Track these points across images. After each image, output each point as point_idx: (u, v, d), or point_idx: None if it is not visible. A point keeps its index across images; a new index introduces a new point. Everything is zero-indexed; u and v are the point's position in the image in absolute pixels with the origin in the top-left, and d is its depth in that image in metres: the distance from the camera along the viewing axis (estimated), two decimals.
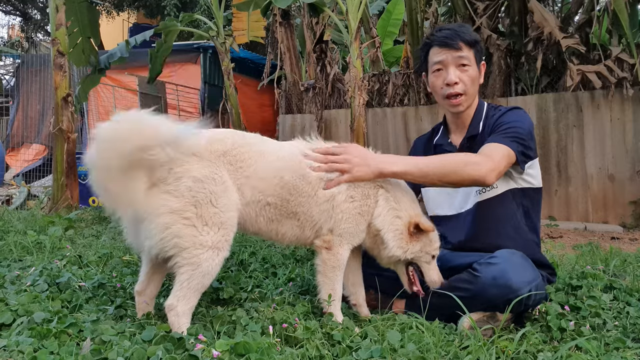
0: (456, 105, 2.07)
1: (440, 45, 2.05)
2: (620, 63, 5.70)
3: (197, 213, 1.61)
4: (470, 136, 2.12)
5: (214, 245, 1.62)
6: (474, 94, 2.11)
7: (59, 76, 5.38)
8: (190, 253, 1.60)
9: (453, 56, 2.02)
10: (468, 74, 2.04)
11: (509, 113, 2.07)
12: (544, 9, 6.19)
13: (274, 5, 6.41)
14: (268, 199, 1.76)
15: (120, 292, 2.15)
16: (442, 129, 2.27)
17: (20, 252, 2.93)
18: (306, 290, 2.28)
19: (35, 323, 1.62)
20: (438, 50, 2.05)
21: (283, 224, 1.82)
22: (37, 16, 17.57)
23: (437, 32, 2.11)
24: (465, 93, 2.05)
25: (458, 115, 2.13)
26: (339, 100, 7.83)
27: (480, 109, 2.15)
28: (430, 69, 2.11)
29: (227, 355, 1.37)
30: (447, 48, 2.03)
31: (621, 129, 5.81)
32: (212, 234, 1.62)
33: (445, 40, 2.04)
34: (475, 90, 2.10)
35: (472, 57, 2.06)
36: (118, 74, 9.00)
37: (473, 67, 2.06)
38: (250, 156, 1.74)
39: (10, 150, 10.56)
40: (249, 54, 9.96)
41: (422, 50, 2.17)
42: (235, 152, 1.73)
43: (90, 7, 6.12)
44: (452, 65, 2.03)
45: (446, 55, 2.03)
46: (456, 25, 2.13)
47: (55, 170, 5.39)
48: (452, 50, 2.02)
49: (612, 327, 1.84)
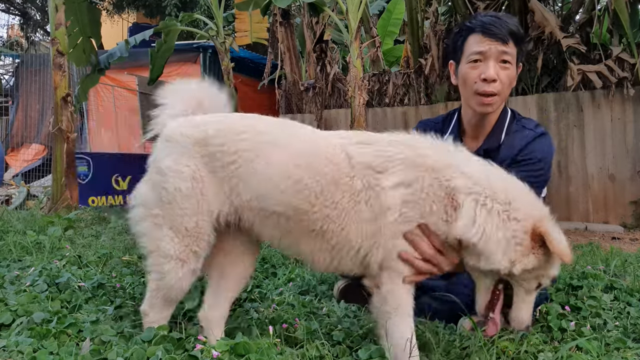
0: (486, 105, 1.82)
1: (485, 33, 1.76)
2: (621, 63, 5.70)
3: (162, 212, 1.38)
4: (487, 148, 1.87)
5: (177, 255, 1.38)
6: (506, 98, 1.89)
7: (59, 76, 5.38)
8: (155, 260, 1.41)
9: (497, 49, 1.76)
10: (507, 73, 1.79)
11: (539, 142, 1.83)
12: (544, 8, 6.18)
13: (274, 5, 6.40)
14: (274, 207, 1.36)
15: (119, 292, 2.14)
16: (456, 128, 1.99)
17: (20, 252, 2.92)
18: (306, 291, 2.28)
19: (35, 323, 1.62)
20: (481, 38, 1.77)
21: (302, 242, 1.40)
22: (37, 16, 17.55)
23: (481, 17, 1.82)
24: (500, 94, 1.81)
25: (481, 117, 1.89)
26: (339, 100, 7.82)
27: (504, 117, 1.93)
28: (466, 58, 1.83)
29: (226, 355, 1.36)
30: (492, 38, 1.75)
31: (622, 129, 5.80)
32: (176, 241, 1.37)
33: (491, 29, 1.75)
34: (508, 94, 1.88)
35: (515, 55, 1.80)
36: (118, 73, 8.99)
37: (513, 66, 1.82)
38: (249, 148, 1.38)
39: (11, 151, 10.55)
40: (248, 53, 9.94)
41: (460, 35, 1.87)
42: (220, 142, 1.39)
43: (90, 7, 6.12)
44: (494, 59, 1.76)
45: (489, 47, 1.76)
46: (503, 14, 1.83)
47: (54, 170, 5.38)
48: (497, 42, 1.75)
49: (612, 328, 1.84)
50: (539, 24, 6.07)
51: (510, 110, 1.97)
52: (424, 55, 7.05)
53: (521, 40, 1.81)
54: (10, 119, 10.85)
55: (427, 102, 7.04)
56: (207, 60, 9.64)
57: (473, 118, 1.91)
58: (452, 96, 6.77)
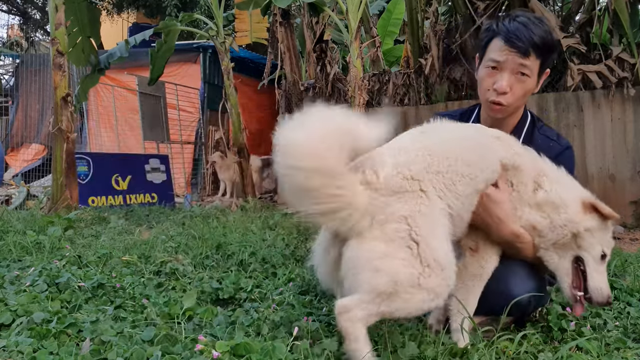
0: (495, 112, 1.83)
1: (507, 41, 1.72)
2: (621, 63, 5.70)
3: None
4: None
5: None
6: (521, 106, 1.89)
7: (59, 76, 5.37)
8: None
9: (515, 61, 1.72)
10: (523, 86, 1.77)
11: (564, 156, 1.85)
12: (544, 8, 6.18)
13: (274, 5, 6.40)
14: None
15: (119, 292, 2.14)
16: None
17: (20, 252, 2.92)
18: (306, 291, 2.28)
19: (35, 323, 1.62)
20: (501, 46, 1.74)
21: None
22: (37, 16, 17.56)
23: (507, 21, 1.77)
24: (509, 105, 1.80)
25: (495, 120, 1.89)
26: (339, 100, 7.81)
27: (524, 121, 1.92)
28: (485, 62, 1.82)
29: (227, 355, 1.36)
30: (512, 49, 1.72)
31: (622, 129, 5.80)
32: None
33: (513, 40, 1.71)
34: (524, 102, 1.88)
35: (537, 68, 1.76)
36: (117, 73, 8.99)
37: (533, 78, 1.78)
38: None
39: (11, 151, 10.55)
40: (248, 53, 9.95)
41: (485, 36, 1.86)
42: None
43: (90, 7, 6.12)
44: (509, 72, 1.75)
45: (507, 57, 1.73)
46: (532, 20, 1.74)
47: (54, 170, 5.38)
48: (517, 54, 1.72)
49: (612, 328, 1.84)
50: None
51: (531, 115, 1.97)
52: (424, 55, 7.04)
53: (547, 51, 1.77)
54: (10, 119, 10.85)
55: (427, 102, 7.03)
56: (207, 60, 9.65)
57: (488, 119, 1.92)
58: (452, 96, 6.78)
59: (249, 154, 7.29)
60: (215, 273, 2.53)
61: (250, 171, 7.30)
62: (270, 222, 4.46)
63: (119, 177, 6.69)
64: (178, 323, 1.69)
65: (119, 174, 6.69)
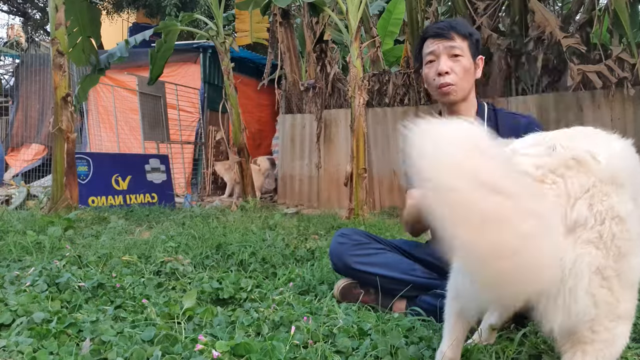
0: (447, 94, 1.98)
1: (433, 36, 2.00)
2: (621, 63, 5.69)
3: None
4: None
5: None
6: (468, 88, 2.02)
7: (59, 76, 5.37)
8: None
9: (445, 46, 1.97)
10: (460, 64, 1.98)
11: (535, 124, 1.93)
12: (544, 8, 6.18)
13: (274, 5, 6.40)
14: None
15: (119, 292, 2.14)
16: None
17: (20, 252, 2.92)
18: (306, 291, 2.28)
19: (35, 323, 1.62)
20: (431, 41, 2.01)
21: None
22: (37, 16, 17.55)
23: (431, 25, 2.09)
24: (456, 84, 1.97)
25: (452, 109, 2.04)
26: (339, 100, 7.82)
27: (482, 109, 2.07)
28: (424, 61, 2.07)
29: (227, 355, 1.36)
30: (439, 38, 1.98)
31: (622, 129, 5.77)
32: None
33: (437, 31, 2.00)
34: (469, 84, 2.02)
35: (466, 48, 1.99)
36: (117, 73, 8.99)
37: (466, 57, 1.99)
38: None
39: (11, 151, 10.55)
40: (249, 53, 9.94)
41: (418, 45, 2.14)
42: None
43: (90, 7, 6.12)
44: (444, 55, 1.97)
45: (438, 45, 1.98)
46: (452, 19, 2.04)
47: (54, 170, 5.38)
48: (444, 40, 1.97)
49: None
50: (539, 24, 6.07)
51: (487, 103, 2.12)
52: None
53: (468, 36, 1.98)
54: (10, 119, 10.85)
55: (427, 102, 7.03)
56: (207, 60, 9.64)
57: (446, 110, 2.07)
58: None
59: (249, 154, 7.30)
60: (215, 273, 2.53)
61: (251, 171, 7.30)
62: (270, 222, 4.46)
63: (119, 177, 6.68)
64: (178, 323, 1.69)
65: (119, 174, 6.68)
